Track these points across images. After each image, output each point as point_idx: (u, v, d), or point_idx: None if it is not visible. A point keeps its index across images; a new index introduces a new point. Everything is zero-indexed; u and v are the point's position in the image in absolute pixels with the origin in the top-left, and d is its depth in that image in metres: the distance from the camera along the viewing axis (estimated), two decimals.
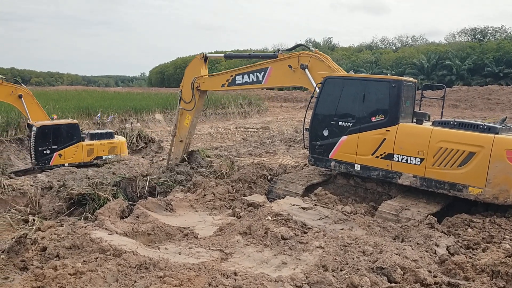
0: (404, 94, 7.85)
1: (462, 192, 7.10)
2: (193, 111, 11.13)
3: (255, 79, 10.01)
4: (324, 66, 8.99)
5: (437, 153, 7.26)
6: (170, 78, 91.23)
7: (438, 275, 4.88)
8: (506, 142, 6.88)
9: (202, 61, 11.10)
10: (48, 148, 10.99)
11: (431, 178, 7.36)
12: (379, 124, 7.90)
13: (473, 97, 41.23)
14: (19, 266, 5.04)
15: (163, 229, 6.47)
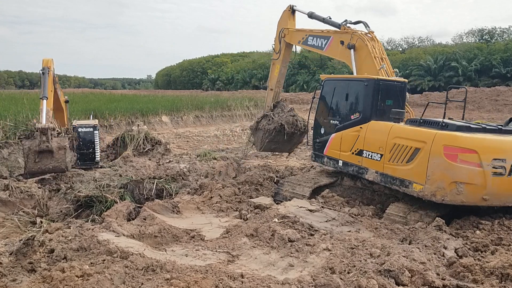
0: (382, 93, 8.08)
1: (408, 188, 7.04)
2: (280, 61, 12.16)
3: (319, 45, 10.41)
4: (366, 53, 8.94)
5: (392, 149, 7.32)
6: (177, 80, 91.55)
7: (447, 277, 4.84)
8: (445, 137, 6.72)
9: (289, 13, 11.88)
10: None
11: (387, 173, 7.41)
12: (355, 122, 8.26)
13: (481, 98, 40.98)
14: (27, 268, 5.06)
15: (169, 231, 6.47)
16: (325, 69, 65.68)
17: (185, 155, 13.21)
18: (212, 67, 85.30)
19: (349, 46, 9.21)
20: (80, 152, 10.82)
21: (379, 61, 8.81)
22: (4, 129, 14.69)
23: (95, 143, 11.02)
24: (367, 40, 9.03)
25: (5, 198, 8.02)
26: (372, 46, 8.99)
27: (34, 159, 8.28)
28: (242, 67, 78.25)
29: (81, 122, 12.05)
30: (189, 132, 23.22)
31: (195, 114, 28.72)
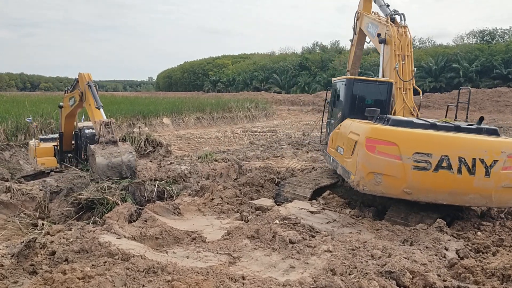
0: (360, 92, 8.64)
1: (349, 179, 7.24)
2: (355, 43, 12.22)
3: (372, 33, 10.36)
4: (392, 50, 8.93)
5: (347, 143, 7.63)
6: (178, 82, 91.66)
7: (448, 279, 4.83)
8: (368, 130, 6.94)
9: None
10: None
11: (344, 167, 7.62)
12: (339, 120, 8.82)
13: (482, 99, 40.99)
14: (28, 270, 5.07)
15: (171, 233, 6.47)
16: (326, 71, 65.73)
17: (186, 157, 13.22)
18: (213, 68, 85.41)
19: (380, 40, 9.17)
20: (86, 153, 10.84)
21: (399, 59, 8.80)
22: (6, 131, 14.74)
23: None
24: (397, 35, 8.88)
25: (7, 200, 8.02)
26: (399, 42, 8.86)
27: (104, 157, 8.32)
28: (243, 69, 78.36)
29: (86, 123, 12.05)
30: (190, 134, 23.25)
31: (196, 116, 28.77)
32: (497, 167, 6.48)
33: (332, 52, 73.13)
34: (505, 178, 6.51)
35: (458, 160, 6.51)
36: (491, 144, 6.59)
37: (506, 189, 6.58)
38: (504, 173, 6.50)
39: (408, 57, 8.84)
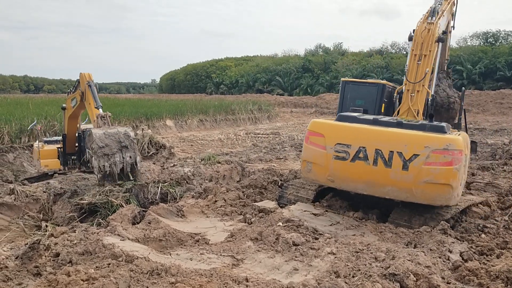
0: (350, 93, 8.96)
1: None
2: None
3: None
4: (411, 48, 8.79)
5: None
6: (181, 84, 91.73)
7: (452, 281, 4.83)
8: (310, 124, 7.57)
9: None
10: None
11: None
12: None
13: (485, 101, 40.90)
14: (33, 272, 5.08)
15: (174, 235, 6.48)
16: (329, 73, 65.72)
17: (189, 159, 13.23)
18: (216, 71, 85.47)
19: (409, 37, 8.92)
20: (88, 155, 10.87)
21: (416, 58, 8.67)
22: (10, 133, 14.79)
23: None
24: (420, 33, 8.71)
25: (11, 202, 8.06)
26: (421, 40, 8.67)
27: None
28: (246, 71, 78.39)
29: (89, 125, 12.06)
30: (193, 136, 23.28)
31: (199, 118, 28.81)
32: (417, 162, 6.45)
33: (335, 54, 73.08)
34: (427, 174, 6.42)
35: (375, 152, 6.69)
36: (413, 139, 6.59)
37: (430, 185, 6.45)
38: (426, 168, 6.42)
39: (425, 57, 8.58)
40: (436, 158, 6.39)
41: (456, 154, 6.35)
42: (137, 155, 8.57)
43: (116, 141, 8.30)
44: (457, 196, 6.62)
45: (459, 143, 6.43)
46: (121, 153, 8.34)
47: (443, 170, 6.38)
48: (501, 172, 11.58)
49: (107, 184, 8.27)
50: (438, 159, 6.38)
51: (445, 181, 6.39)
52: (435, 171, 6.41)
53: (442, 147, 6.38)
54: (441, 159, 6.37)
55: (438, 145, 6.41)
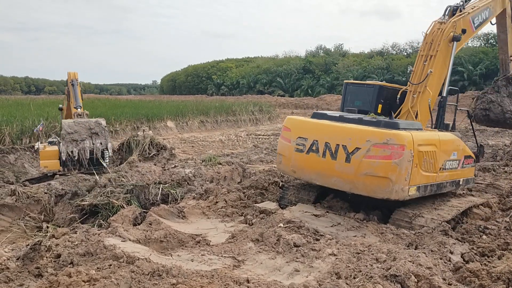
0: (351, 94, 9.21)
1: None
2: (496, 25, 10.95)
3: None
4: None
5: None
6: (182, 85, 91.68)
7: (453, 282, 4.83)
8: (285, 120, 8.25)
9: None
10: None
11: None
12: None
13: None
14: (34, 273, 5.09)
15: (175, 236, 6.48)
16: (329, 74, 65.71)
17: (190, 160, 13.23)
18: (217, 72, 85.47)
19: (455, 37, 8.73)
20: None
21: (422, 59, 8.62)
22: (11, 134, 14.80)
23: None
24: (431, 33, 8.65)
25: (12, 203, 8.06)
26: (431, 40, 8.60)
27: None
28: (247, 72, 78.38)
29: None
30: (194, 137, 23.29)
31: (200, 119, 28.81)
32: (358, 155, 6.75)
33: (335, 55, 73.03)
34: (367, 166, 6.68)
35: (324, 145, 7.20)
36: (357, 133, 6.92)
37: (370, 178, 6.69)
38: (366, 161, 6.68)
39: (431, 58, 8.52)
40: (376, 152, 6.65)
41: (396, 149, 6.52)
42: (108, 142, 8.43)
43: (86, 128, 8.20)
44: (402, 191, 6.65)
45: (400, 138, 6.57)
46: (91, 140, 8.23)
47: (382, 163, 6.61)
48: (502, 173, 11.57)
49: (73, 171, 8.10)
50: (378, 152, 6.64)
51: (384, 174, 6.60)
52: (374, 164, 6.66)
53: (382, 141, 6.61)
54: (381, 152, 6.61)
55: (378, 139, 6.65)
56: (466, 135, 21.43)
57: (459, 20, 8.72)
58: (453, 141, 7.77)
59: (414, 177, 6.73)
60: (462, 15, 8.81)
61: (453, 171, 7.72)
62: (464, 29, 8.66)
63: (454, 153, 7.65)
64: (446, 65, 8.58)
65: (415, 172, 6.71)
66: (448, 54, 8.56)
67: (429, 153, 6.99)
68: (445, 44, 8.48)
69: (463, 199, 8.27)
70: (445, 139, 7.55)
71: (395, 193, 6.64)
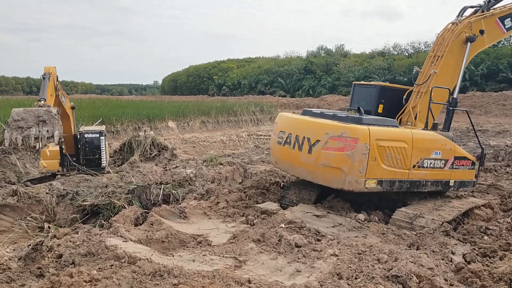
0: (357, 95, 9.53)
1: None
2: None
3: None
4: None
5: None
6: (183, 86, 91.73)
7: (455, 283, 4.82)
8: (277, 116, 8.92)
9: None
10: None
11: None
12: None
13: (488, 103, 40.76)
14: (36, 273, 5.09)
15: (177, 236, 6.49)
16: (331, 74, 65.71)
17: (191, 161, 13.23)
18: (218, 72, 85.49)
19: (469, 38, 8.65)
20: (87, 158, 10.89)
21: (432, 60, 8.62)
22: None
23: (101, 149, 11.06)
24: (443, 33, 8.64)
25: (14, 203, 8.07)
26: (441, 41, 8.60)
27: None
28: (248, 73, 78.39)
29: (88, 128, 12.08)
30: (195, 138, 23.29)
31: (201, 120, 28.80)
32: (318, 146, 7.28)
33: (337, 55, 73.03)
34: (324, 157, 7.19)
35: (295, 137, 7.80)
36: (319, 126, 7.49)
37: (326, 168, 7.21)
38: (324, 152, 7.18)
39: (438, 58, 8.55)
40: (332, 144, 7.12)
41: (349, 141, 6.91)
42: (56, 129, 8.27)
43: (34, 116, 8.05)
44: (356, 182, 6.94)
45: (354, 131, 6.94)
46: (38, 127, 8.11)
47: (336, 155, 7.07)
48: (503, 174, 11.55)
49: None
50: (333, 145, 7.09)
51: (337, 165, 7.06)
52: (329, 155, 7.15)
53: (338, 134, 7.07)
54: (336, 145, 7.06)
55: (335, 132, 7.13)
56: (467, 136, 21.43)
57: (478, 21, 8.58)
58: (435, 140, 7.69)
59: (373, 171, 6.99)
60: (483, 16, 8.63)
61: (436, 170, 7.69)
62: (482, 30, 8.57)
63: (437, 152, 7.62)
64: (458, 66, 8.51)
65: (373, 165, 6.96)
66: (461, 55, 8.48)
67: (395, 149, 7.15)
68: (455, 44, 8.42)
69: (465, 200, 8.26)
70: (420, 138, 7.55)
71: (348, 183, 7.00)
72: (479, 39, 8.57)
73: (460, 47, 8.47)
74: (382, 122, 7.52)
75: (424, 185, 7.62)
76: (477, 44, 8.62)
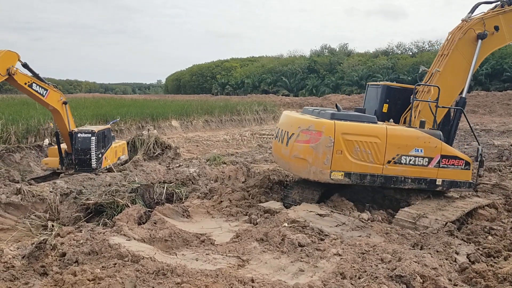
0: (368, 95, 9.77)
1: None
2: None
3: None
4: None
5: None
6: (186, 85, 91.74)
7: (459, 283, 4.80)
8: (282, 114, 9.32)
9: None
10: (101, 152, 11.39)
11: None
12: None
13: (492, 102, 40.59)
14: (39, 272, 5.10)
15: (180, 235, 6.49)
16: (334, 74, 65.58)
17: (194, 160, 13.25)
18: (222, 71, 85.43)
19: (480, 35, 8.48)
20: (78, 158, 10.90)
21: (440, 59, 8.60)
22: (17, 133, 14.86)
23: (91, 150, 11.01)
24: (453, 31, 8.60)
25: (17, 202, 8.10)
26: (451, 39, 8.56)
27: None
28: (252, 72, 78.30)
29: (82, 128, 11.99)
30: (198, 137, 23.30)
31: (205, 119, 28.81)
32: (292, 139, 7.87)
33: (340, 55, 72.84)
34: (296, 149, 7.79)
35: (281, 132, 8.47)
36: (296, 121, 8.15)
37: (296, 159, 7.77)
38: (296, 144, 7.78)
39: (444, 56, 8.52)
40: (302, 137, 7.69)
41: (314, 134, 7.47)
42: None
43: None
44: (321, 173, 7.49)
45: (318, 125, 7.49)
46: None
47: (303, 147, 7.64)
48: (508, 173, 11.50)
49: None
50: (303, 137, 7.66)
51: (303, 156, 7.64)
52: (299, 147, 7.73)
53: (306, 127, 7.66)
54: (304, 137, 7.64)
55: (305, 126, 7.72)
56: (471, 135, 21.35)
57: (494, 17, 8.33)
58: (415, 137, 7.65)
59: (339, 163, 7.42)
60: (501, 11, 8.34)
61: (418, 167, 7.66)
62: (497, 26, 8.34)
63: (418, 149, 7.62)
64: (468, 65, 8.36)
65: (339, 158, 7.39)
66: (470, 53, 8.32)
67: (366, 144, 7.42)
68: (463, 42, 8.30)
69: (468, 200, 8.22)
70: (397, 134, 7.61)
71: (313, 174, 7.58)
72: (497, 35, 8.36)
73: (469, 44, 8.31)
74: (357, 118, 7.86)
75: (402, 181, 7.65)
76: (495, 40, 8.44)
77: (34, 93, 9.78)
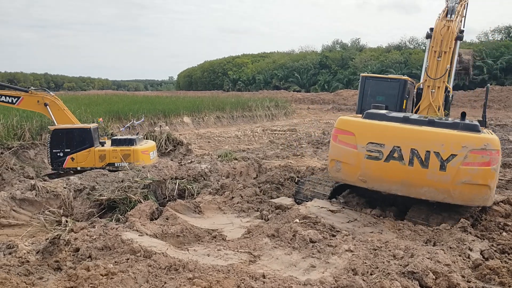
0: (372, 89, 9.20)
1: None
2: None
3: None
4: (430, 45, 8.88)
5: None
6: (198, 81, 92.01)
7: (472, 280, 4.74)
8: (337, 121, 7.33)
9: None
10: (61, 151, 11.29)
11: None
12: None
13: (507, 97, 40.06)
14: (53, 267, 5.17)
15: (191, 231, 6.52)
16: (346, 69, 65.16)
17: (206, 156, 13.29)
18: (233, 68, 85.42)
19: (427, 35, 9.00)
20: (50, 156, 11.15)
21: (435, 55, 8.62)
22: (31, 130, 15.04)
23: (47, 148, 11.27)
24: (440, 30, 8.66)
25: (32, 197, 8.20)
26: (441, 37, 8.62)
27: None
28: (263, 68, 78.17)
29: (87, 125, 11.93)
30: (210, 133, 23.37)
31: (216, 115, 28.89)
32: (454, 162, 6.31)
33: (352, 50, 72.36)
34: (465, 174, 6.28)
35: (410, 151, 6.51)
36: (450, 138, 6.41)
37: (468, 186, 6.33)
38: (464, 168, 6.28)
39: (445, 54, 8.54)
40: (474, 158, 6.24)
41: (493, 154, 6.21)
42: None
43: None
44: (493, 196, 6.57)
45: (496, 143, 6.28)
46: None
47: (481, 170, 6.23)
48: None
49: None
50: (476, 159, 6.23)
51: (483, 181, 6.27)
52: (473, 171, 6.25)
53: (480, 147, 6.22)
54: (479, 159, 6.22)
55: (475, 145, 6.24)
56: None
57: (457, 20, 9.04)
58: None
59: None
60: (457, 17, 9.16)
61: None
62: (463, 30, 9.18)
63: None
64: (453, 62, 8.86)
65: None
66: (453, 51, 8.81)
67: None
68: (453, 42, 8.65)
69: None
70: None
71: (490, 200, 6.53)
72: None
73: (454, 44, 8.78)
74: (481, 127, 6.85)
75: None
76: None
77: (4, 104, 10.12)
